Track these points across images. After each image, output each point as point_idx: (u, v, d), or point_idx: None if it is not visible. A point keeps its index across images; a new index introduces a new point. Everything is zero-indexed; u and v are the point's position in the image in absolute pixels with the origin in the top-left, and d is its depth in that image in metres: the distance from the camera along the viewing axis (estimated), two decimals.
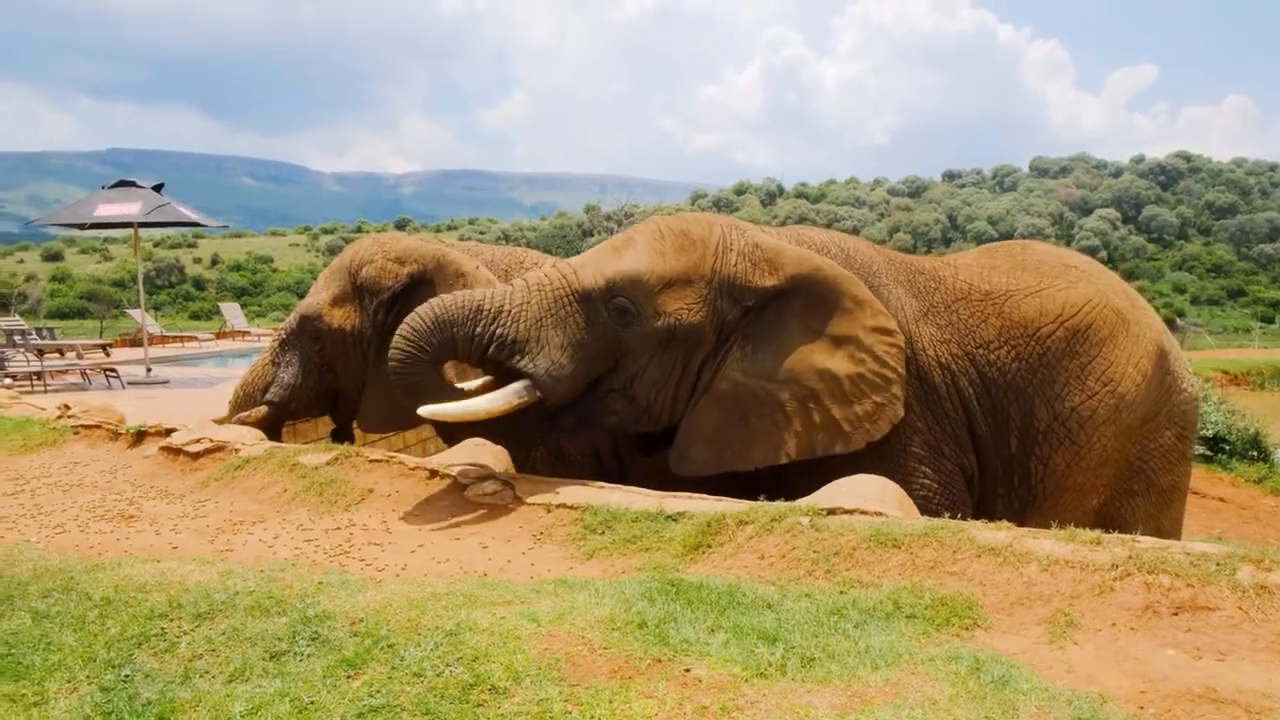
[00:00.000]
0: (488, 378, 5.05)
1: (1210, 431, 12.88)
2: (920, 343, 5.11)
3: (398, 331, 4.83)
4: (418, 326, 4.76)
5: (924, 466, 5.00)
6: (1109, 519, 5.28)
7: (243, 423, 6.27)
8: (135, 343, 16.98)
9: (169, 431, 6.08)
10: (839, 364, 4.84)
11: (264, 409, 6.33)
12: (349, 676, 2.70)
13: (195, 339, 19.93)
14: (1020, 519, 4.94)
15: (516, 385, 4.78)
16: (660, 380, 4.90)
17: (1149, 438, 5.36)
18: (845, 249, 5.29)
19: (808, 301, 4.92)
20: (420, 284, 6.14)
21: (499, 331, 4.78)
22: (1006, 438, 5.15)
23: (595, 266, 4.94)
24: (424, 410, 4.76)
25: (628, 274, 4.86)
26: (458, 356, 4.92)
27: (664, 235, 5.01)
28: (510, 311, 4.81)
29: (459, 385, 5.08)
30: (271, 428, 6.35)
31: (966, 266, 5.47)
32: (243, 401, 6.54)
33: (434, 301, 4.87)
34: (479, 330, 4.78)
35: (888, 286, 5.20)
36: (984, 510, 5.17)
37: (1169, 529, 5.57)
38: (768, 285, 4.91)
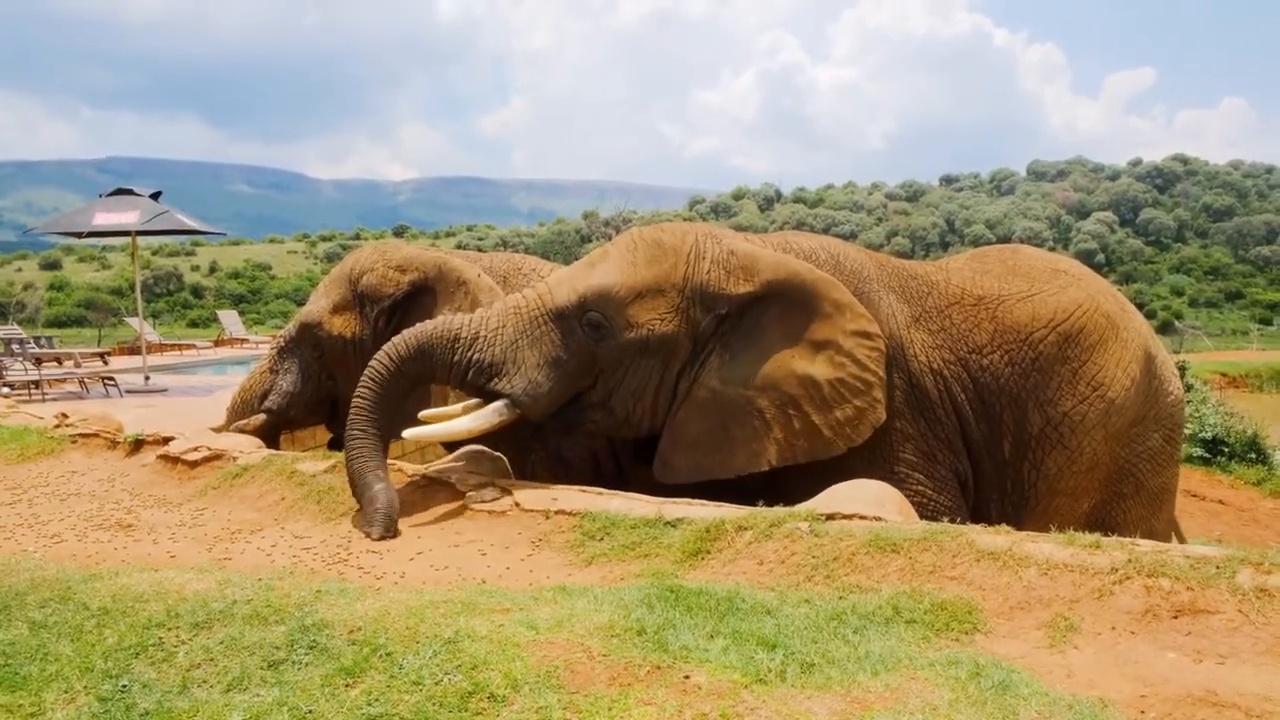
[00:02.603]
0: (474, 400, 5.09)
1: (1209, 434, 12.89)
2: (912, 349, 5.10)
3: (380, 350, 4.95)
4: (399, 350, 4.89)
5: (917, 473, 4.99)
6: (1101, 522, 5.28)
7: (241, 430, 6.27)
8: (133, 351, 16.96)
9: (167, 440, 6.07)
10: (819, 369, 4.84)
11: (262, 417, 6.33)
12: (347, 685, 2.69)
13: (193, 347, 19.88)
14: (1015, 523, 4.95)
15: (496, 404, 4.90)
16: (638, 390, 4.94)
17: (1138, 441, 5.37)
18: (835, 255, 5.28)
19: (786, 306, 4.92)
20: (421, 292, 6.15)
21: (475, 357, 4.90)
22: (1000, 442, 5.15)
23: (569, 283, 5.02)
24: (409, 434, 4.94)
25: (598, 288, 4.91)
26: (437, 381, 5.11)
27: (637, 246, 5.04)
28: (485, 336, 4.93)
29: (441, 410, 5.18)
30: (270, 435, 6.34)
31: (958, 271, 5.47)
32: (240, 409, 6.53)
33: (416, 329, 4.98)
34: (456, 358, 4.91)
35: (878, 292, 5.20)
36: (979, 515, 5.17)
37: (1161, 531, 5.59)
38: (743, 292, 4.91)
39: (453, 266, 6.22)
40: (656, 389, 4.95)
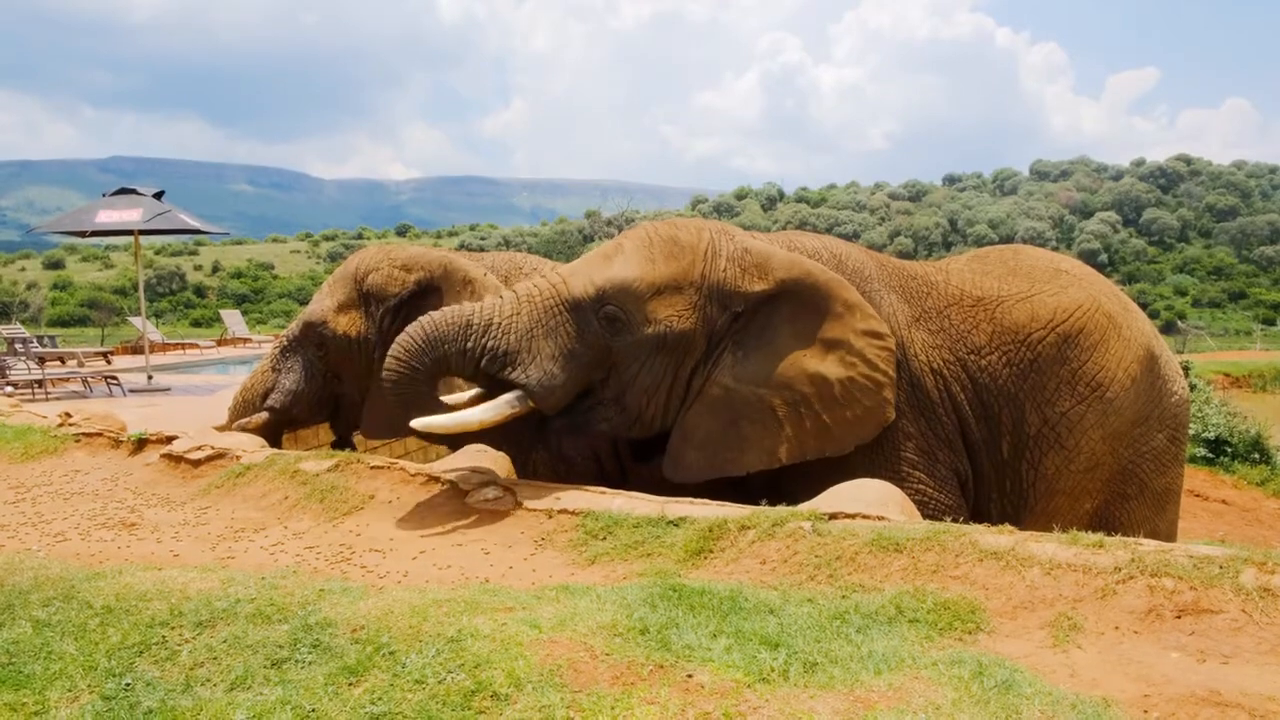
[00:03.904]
0: (479, 389, 5.04)
1: (1212, 434, 12.86)
2: (912, 348, 5.11)
3: (390, 351, 4.84)
4: (409, 345, 4.77)
5: (918, 471, 5.00)
6: (1104, 522, 5.28)
7: (244, 429, 6.27)
8: (136, 350, 16.99)
9: (170, 439, 6.08)
10: (830, 368, 4.84)
11: (265, 415, 6.34)
12: (351, 684, 2.69)
13: (196, 346, 19.89)
14: (1014, 523, 4.95)
15: (509, 396, 4.79)
16: (652, 387, 4.90)
17: (1140, 441, 5.36)
18: (837, 254, 5.28)
19: (798, 306, 4.92)
20: (427, 291, 6.16)
21: (489, 345, 4.79)
22: (998, 442, 5.15)
23: (585, 275, 4.93)
24: (417, 423, 4.79)
25: (617, 282, 4.84)
26: (451, 372, 4.93)
27: (653, 242, 4.99)
28: (500, 324, 4.82)
29: (449, 399, 5.08)
30: (272, 434, 6.35)
31: (958, 272, 5.47)
32: (243, 408, 6.54)
33: (424, 319, 4.87)
34: (470, 345, 4.78)
35: (879, 292, 5.21)
36: (979, 515, 5.17)
37: (1165, 531, 5.57)
38: (757, 290, 4.90)
39: (458, 265, 6.23)
40: (670, 386, 4.91)
